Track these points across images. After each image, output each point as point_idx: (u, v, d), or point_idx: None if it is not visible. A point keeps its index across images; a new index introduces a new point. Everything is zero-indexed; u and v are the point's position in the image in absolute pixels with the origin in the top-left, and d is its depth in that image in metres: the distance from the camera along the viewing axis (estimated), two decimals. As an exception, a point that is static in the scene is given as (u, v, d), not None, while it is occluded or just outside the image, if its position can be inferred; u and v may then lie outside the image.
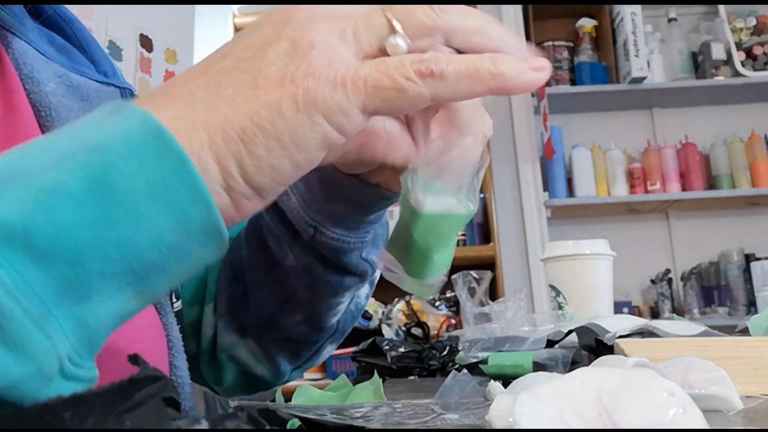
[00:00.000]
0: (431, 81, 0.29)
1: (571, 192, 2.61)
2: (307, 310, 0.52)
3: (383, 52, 0.30)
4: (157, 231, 0.24)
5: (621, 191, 2.60)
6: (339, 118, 0.28)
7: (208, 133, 0.27)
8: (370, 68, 0.28)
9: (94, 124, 0.26)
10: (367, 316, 2.16)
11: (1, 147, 0.41)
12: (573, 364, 0.58)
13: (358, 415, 0.35)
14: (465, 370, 0.38)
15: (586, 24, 2.77)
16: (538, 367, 0.58)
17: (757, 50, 2.65)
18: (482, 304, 0.87)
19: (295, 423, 0.28)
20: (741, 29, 2.70)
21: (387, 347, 0.80)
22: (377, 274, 0.53)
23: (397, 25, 0.30)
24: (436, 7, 0.31)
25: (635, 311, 2.56)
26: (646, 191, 2.60)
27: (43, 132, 0.44)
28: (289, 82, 0.27)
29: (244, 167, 0.27)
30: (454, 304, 2.33)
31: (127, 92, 0.53)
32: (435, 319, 2.22)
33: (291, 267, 0.49)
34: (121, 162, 0.24)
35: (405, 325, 1.76)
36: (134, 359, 0.21)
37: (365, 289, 0.54)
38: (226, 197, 0.27)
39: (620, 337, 0.50)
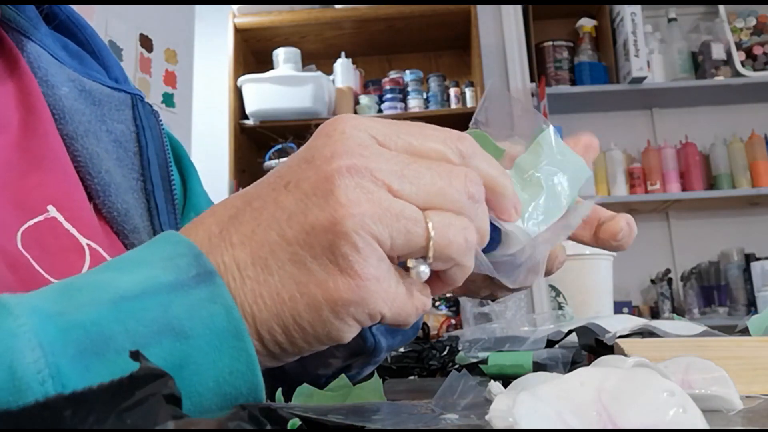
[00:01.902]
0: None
1: (571, 192, 2.60)
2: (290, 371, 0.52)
3: (404, 256, 0.30)
4: (212, 416, 0.25)
5: (621, 191, 2.60)
6: (371, 321, 0.29)
7: (258, 328, 0.28)
8: (403, 297, 0.29)
9: (181, 291, 0.26)
10: (367, 316, 2.15)
11: (21, 147, 0.42)
12: (573, 364, 0.58)
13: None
14: (465, 370, 0.38)
15: (586, 24, 2.77)
16: (538, 367, 0.58)
17: (757, 50, 2.65)
18: (482, 304, 0.87)
19: (295, 423, 0.28)
20: (741, 29, 2.70)
21: (387, 347, 0.80)
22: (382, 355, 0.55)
23: (431, 252, 0.29)
24: (470, 240, 0.30)
25: (635, 311, 2.56)
26: (646, 191, 2.60)
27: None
28: (331, 285, 0.27)
29: (284, 348, 0.29)
30: (454, 304, 2.33)
31: (137, 99, 0.53)
32: (435, 319, 2.22)
33: None
34: (200, 355, 0.25)
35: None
36: (135, 356, 0.21)
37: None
38: (273, 351, 0.29)
39: (620, 337, 0.50)
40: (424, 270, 0.30)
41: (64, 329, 0.23)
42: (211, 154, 2.67)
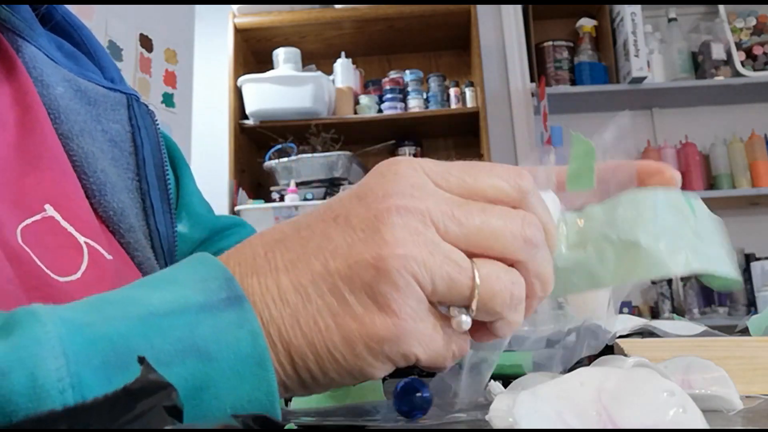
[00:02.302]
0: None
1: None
2: None
3: (446, 302, 0.29)
4: None
5: (621, 191, 2.59)
6: (405, 361, 0.29)
7: (292, 353, 0.28)
8: (439, 342, 0.29)
9: (209, 313, 0.26)
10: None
11: (18, 147, 0.42)
12: (573, 364, 0.58)
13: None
14: (458, 367, 0.38)
15: (586, 24, 2.77)
16: (538, 367, 0.58)
17: (757, 50, 2.65)
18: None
19: (292, 426, 0.28)
20: (741, 29, 2.70)
21: (387, 347, 0.80)
22: None
23: (475, 304, 0.28)
24: (516, 296, 0.29)
25: (635, 311, 2.56)
26: (646, 191, 2.60)
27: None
28: (367, 320, 0.27)
29: (316, 378, 0.28)
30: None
31: (133, 99, 0.53)
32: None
33: None
34: (221, 379, 0.25)
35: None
36: (141, 361, 0.21)
37: None
38: (304, 379, 0.29)
39: (620, 337, 0.50)
40: (466, 320, 0.29)
41: (90, 340, 0.23)
42: (211, 154, 2.67)
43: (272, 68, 2.67)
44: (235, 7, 2.72)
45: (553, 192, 0.35)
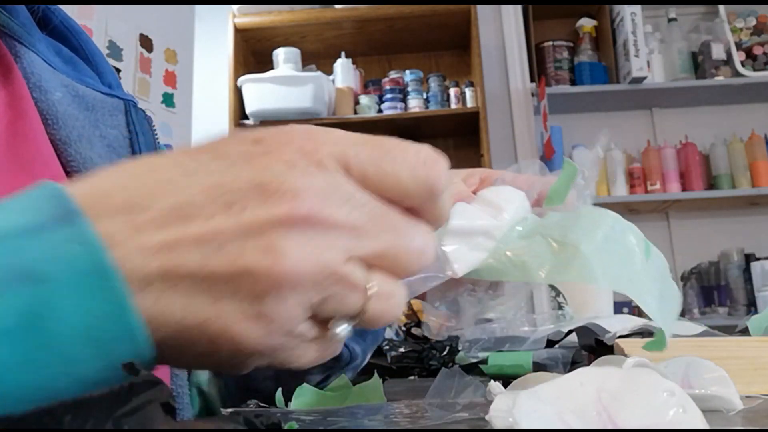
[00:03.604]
0: None
1: (571, 192, 2.60)
2: (277, 371, 0.51)
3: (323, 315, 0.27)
4: (86, 373, 0.23)
5: (621, 191, 2.60)
6: (270, 366, 0.27)
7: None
8: (311, 354, 0.27)
9: (38, 234, 0.23)
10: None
11: (10, 153, 0.42)
12: (573, 364, 0.58)
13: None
14: (458, 367, 0.38)
15: (586, 24, 2.77)
16: (538, 367, 0.58)
17: (757, 50, 2.65)
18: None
19: (293, 424, 0.28)
20: (741, 29, 2.70)
21: (387, 347, 0.80)
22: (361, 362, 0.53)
23: (362, 318, 0.27)
24: (397, 314, 0.28)
25: (635, 311, 2.56)
26: (646, 191, 2.60)
27: (49, 138, 0.45)
28: (236, 330, 0.24)
29: (166, 361, 0.25)
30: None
31: (130, 104, 0.53)
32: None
33: None
34: (61, 300, 0.22)
35: (405, 325, 1.76)
36: (129, 367, 0.21)
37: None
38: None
39: (620, 337, 0.50)
40: (343, 333, 0.27)
41: None
42: (211, 154, 2.67)
43: (272, 68, 2.67)
44: (235, 7, 2.72)
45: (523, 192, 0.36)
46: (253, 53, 2.91)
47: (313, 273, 0.25)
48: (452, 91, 2.69)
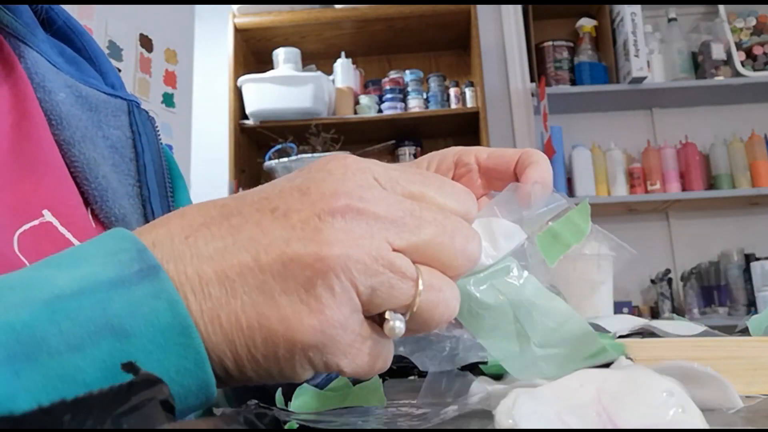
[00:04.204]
0: None
1: (571, 192, 2.61)
2: None
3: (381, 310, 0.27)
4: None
5: (621, 191, 2.60)
6: (326, 370, 0.27)
7: (215, 351, 0.26)
8: (366, 355, 0.27)
9: (122, 288, 0.24)
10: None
11: (14, 152, 0.42)
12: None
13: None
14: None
15: (586, 24, 2.77)
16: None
17: (757, 50, 2.65)
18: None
19: (294, 424, 0.28)
20: (741, 29, 2.70)
21: (387, 347, 0.80)
22: None
23: (414, 310, 0.27)
24: (452, 310, 0.28)
25: (635, 311, 2.56)
26: (646, 191, 2.60)
27: (53, 138, 0.45)
28: (293, 324, 0.25)
29: (231, 375, 0.27)
30: (454, 304, 2.33)
31: (133, 105, 0.53)
32: (435, 319, 2.22)
33: None
34: (143, 355, 0.23)
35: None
36: (129, 367, 0.21)
37: None
38: (218, 375, 0.27)
39: (620, 337, 0.50)
40: (400, 326, 0.27)
41: None
42: (211, 154, 2.67)
43: (272, 68, 2.67)
44: (235, 7, 2.72)
45: (519, 225, 0.35)
46: (253, 53, 2.91)
47: (358, 257, 0.25)
48: (452, 91, 2.69)
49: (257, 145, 2.80)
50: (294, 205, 0.26)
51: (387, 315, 0.27)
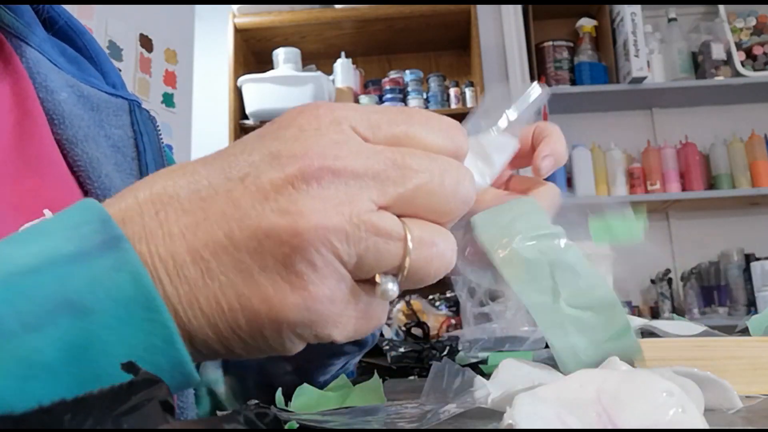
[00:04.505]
0: None
1: (571, 192, 2.61)
2: (298, 362, 0.49)
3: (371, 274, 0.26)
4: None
5: (621, 191, 2.60)
6: (317, 341, 0.26)
7: (191, 334, 0.24)
8: (356, 320, 0.26)
9: (83, 262, 0.22)
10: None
11: (16, 151, 0.42)
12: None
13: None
14: (446, 359, 0.38)
15: (586, 24, 2.77)
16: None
17: (757, 50, 2.65)
18: (482, 304, 0.87)
19: (294, 424, 0.28)
20: (741, 29, 2.70)
21: (387, 347, 0.80)
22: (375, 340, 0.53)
23: (405, 272, 0.25)
24: (449, 260, 0.26)
25: (635, 311, 2.56)
26: (646, 191, 2.60)
27: (55, 138, 0.45)
28: (276, 303, 0.24)
29: (219, 353, 0.26)
30: (454, 304, 2.33)
31: (134, 105, 0.53)
32: (435, 319, 2.22)
33: None
34: (105, 332, 0.22)
35: (405, 325, 1.76)
36: (129, 366, 0.20)
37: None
38: (206, 354, 0.26)
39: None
40: (393, 289, 0.25)
41: None
42: (211, 154, 2.67)
43: (272, 68, 2.67)
44: (235, 7, 2.72)
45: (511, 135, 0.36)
46: (253, 53, 2.91)
47: (336, 226, 0.24)
48: (452, 91, 2.69)
49: (257, 145, 2.79)
50: (264, 171, 0.24)
51: (378, 279, 0.25)
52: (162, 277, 0.24)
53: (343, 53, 2.79)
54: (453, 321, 2.21)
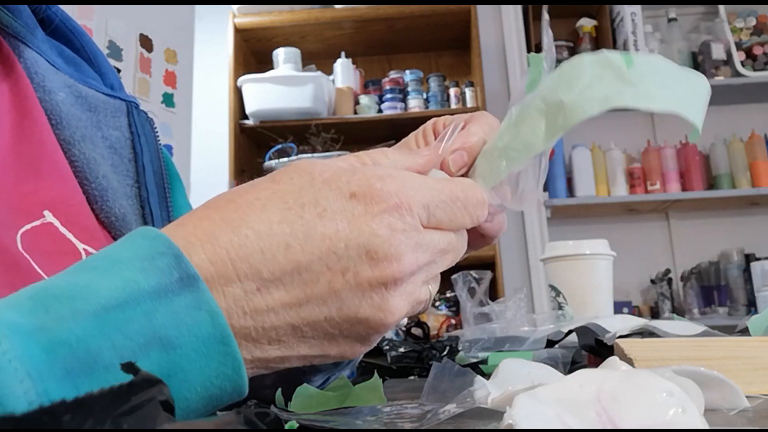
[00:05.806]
0: None
1: (571, 192, 2.61)
2: (275, 378, 0.51)
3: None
4: (192, 417, 0.27)
5: (621, 191, 2.60)
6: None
7: (266, 363, 0.30)
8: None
9: (165, 299, 0.26)
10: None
11: (15, 152, 0.42)
12: (573, 364, 0.58)
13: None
14: (447, 359, 0.38)
15: (586, 24, 2.77)
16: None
17: (757, 50, 2.65)
18: (482, 304, 0.87)
19: (294, 424, 0.28)
20: (741, 29, 2.70)
21: (387, 347, 0.80)
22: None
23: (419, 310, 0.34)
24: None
25: (635, 311, 2.56)
26: (646, 191, 2.60)
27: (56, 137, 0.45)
28: (348, 353, 0.32)
29: (276, 368, 0.31)
30: (454, 304, 2.33)
31: (132, 106, 0.53)
32: (435, 319, 2.22)
33: None
34: (187, 363, 0.25)
35: (405, 325, 1.76)
36: (128, 367, 0.21)
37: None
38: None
39: (620, 337, 0.50)
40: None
41: (48, 349, 0.23)
42: (211, 155, 2.67)
43: (272, 68, 2.67)
44: (235, 7, 2.72)
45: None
46: (253, 53, 2.91)
47: (408, 312, 0.32)
48: (452, 91, 2.69)
49: (257, 145, 2.80)
50: (364, 271, 0.30)
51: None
52: (263, 343, 0.29)
53: (343, 53, 2.79)
54: (453, 321, 2.21)
